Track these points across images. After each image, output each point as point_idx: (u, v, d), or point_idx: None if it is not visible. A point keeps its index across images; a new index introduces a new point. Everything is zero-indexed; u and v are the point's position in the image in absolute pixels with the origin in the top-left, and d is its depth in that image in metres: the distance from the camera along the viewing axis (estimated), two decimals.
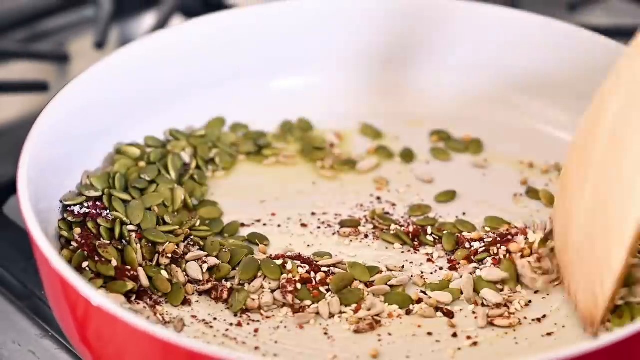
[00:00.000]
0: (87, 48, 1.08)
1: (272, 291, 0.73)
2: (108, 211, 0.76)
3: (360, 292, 0.73)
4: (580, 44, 0.85)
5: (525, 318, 0.71)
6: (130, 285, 0.71)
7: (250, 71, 0.89)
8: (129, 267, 0.72)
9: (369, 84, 0.91)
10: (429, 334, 0.70)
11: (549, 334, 0.70)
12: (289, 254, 0.75)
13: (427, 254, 0.76)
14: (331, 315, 0.72)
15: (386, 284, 0.73)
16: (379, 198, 0.81)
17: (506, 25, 0.88)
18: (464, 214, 0.79)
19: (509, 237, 0.75)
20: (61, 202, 0.75)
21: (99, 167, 0.81)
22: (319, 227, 0.79)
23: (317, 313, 0.72)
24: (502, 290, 0.73)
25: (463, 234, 0.77)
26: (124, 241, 0.74)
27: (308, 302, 0.72)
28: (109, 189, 0.77)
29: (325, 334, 0.70)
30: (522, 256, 0.73)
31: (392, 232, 0.77)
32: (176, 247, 0.75)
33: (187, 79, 0.87)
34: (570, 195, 0.70)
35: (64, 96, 0.79)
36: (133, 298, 0.71)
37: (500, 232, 0.76)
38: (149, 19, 1.13)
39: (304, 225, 0.79)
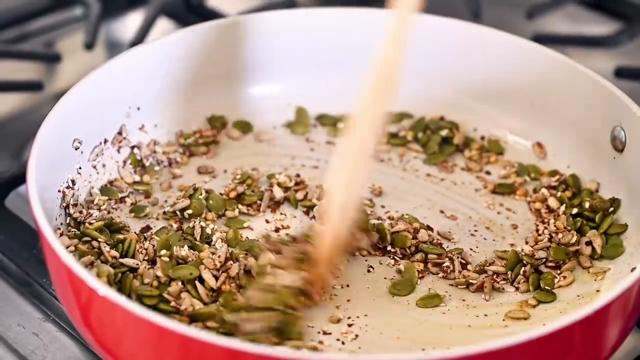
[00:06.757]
0: (75, 47, 1.09)
1: None
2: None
3: None
4: (527, 55, 0.88)
5: None
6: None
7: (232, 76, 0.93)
8: None
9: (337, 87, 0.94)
10: None
11: None
12: None
13: None
14: None
15: None
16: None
17: (464, 37, 0.91)
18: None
19: None
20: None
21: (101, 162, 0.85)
22: None
23: None
24: None
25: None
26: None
27: None
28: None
29: None
30: None
31: None
32: None
33: (190, 80, 0.91)
34: None
35: (72, 94, 0.81)
36: None
37: None
38: (134, 19, 1.14)
39: None
